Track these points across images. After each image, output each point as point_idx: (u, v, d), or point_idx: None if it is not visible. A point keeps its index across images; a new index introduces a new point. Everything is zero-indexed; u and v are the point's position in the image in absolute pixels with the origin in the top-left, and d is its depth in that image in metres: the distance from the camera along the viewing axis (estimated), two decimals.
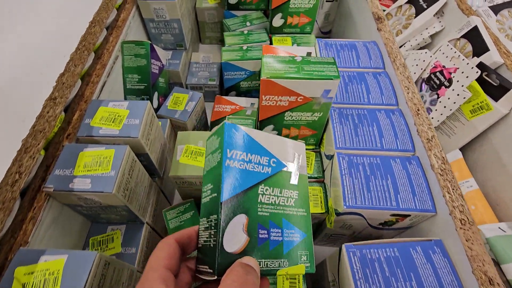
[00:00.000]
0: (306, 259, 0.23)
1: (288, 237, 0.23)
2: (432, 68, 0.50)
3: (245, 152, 0.23)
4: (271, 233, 0.22)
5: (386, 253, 0.29)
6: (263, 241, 0.22)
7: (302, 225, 0.24)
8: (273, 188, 0.24)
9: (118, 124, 0.33)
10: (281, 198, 0.24)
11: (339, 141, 0.37)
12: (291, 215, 0.24)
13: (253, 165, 0.23)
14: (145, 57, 0.46)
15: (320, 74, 0.33)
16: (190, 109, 0.50)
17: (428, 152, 0.34)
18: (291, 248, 0.23)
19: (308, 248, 0.24)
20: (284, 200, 0.24)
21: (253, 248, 0.21)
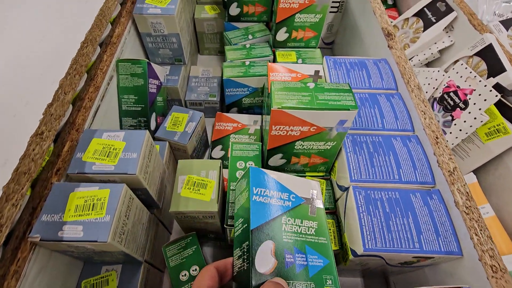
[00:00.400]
0: (331, 283, 0.25)
1: (312, 262, 0.26)
2: (445, 88, 0.47)
3: (267, 189, 0.28)
4: (296, 257, 0.25)
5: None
6: (290, 264, 0.24)
7: (324, 252, 0.27)
8: (295, 219, 0.28)
9: (113, 159, 0.30)
10: (302, 227, 0.28)
11: (354, 173, 0.34)
12: (313, 242, 0.27)
13: (275, 200, 0.28)
14: (142, 77, 0.43)
15: (336, 103, 0.30)
16: (191, 130, 0.47)
17: (451, 187, 0.32)
18: (316, 272, 0.25)
19: (332, 273, 0.26)
20: (305, 229, 0.28)
21: (281, 270, 0.24)
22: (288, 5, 0.50)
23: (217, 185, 0.36)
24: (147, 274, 0.36)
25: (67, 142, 0.32)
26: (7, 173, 0.24)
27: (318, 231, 0.28)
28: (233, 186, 0.36)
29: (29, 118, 0.27)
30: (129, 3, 0.50)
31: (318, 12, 0.51)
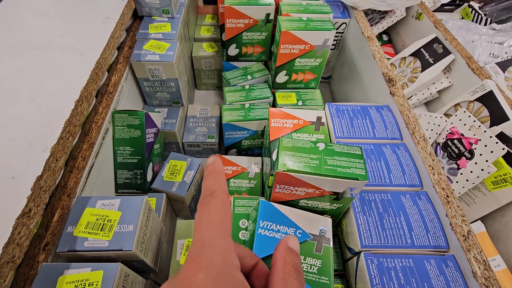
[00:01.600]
0: None
1: None
2: (448, 134, 0.47)
3: (274, 223, 0.30)
4: None
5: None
6: None
7: None
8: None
9: (107, 233, 0.27)
10: (304, 264, 0.29)
11: (364, 237, 0.32)
12: (313, 281, 0.28)
13: (280, 234, 0.30)
14: (139, 128, 0.41)
15: (345, 171, 0.29)
16: (189, 180, 0.45)
17: (467, 255, 0.30)
18: None
19: None
20: (308, 267, 0.29)
21: None
22: (289, 50, 0.49)
23: None
24: None
25: (57, 210, 0.30)
26: None
27: (321, 270, 0.29)
28: None
29: (15, 195, 0.25)
30: (126, 48, 0.49)
31: (318, 56, 0.51)
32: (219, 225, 0.15)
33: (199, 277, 0.13)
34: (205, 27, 0.72)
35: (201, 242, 0.14)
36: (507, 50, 0.61)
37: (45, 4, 0.46)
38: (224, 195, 0.16)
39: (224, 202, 0.16)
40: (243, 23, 0.54)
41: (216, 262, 0.14)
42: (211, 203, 0.16)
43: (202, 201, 0.16)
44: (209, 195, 0.16)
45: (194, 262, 0.14)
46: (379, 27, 0.71)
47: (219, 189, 0.16)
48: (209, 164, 0.18)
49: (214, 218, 0.15)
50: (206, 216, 0.15)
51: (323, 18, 0.49)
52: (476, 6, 0.68)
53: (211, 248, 0.14)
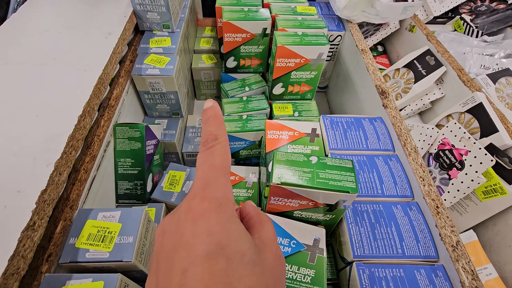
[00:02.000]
0: None
1: None
2: (440, 145, 0.48)
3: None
4: None
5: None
6: None
7: None
8: (292, 265, 0.30)
9: (108, 244, 0.29)
10: (298, 274, 0.30)
11: (356, 247, 0.33)
12: None
13: None
14: (139, 140, 0.42)
15: (336, 184, 0.30)
16: (188, 190, 0.46)
17: (456, 265, 0.31)
18: None
19: None
20: (301, 276, 0.30)
21: None
22: (285, 64, 0.51)
23: None
24: None
25: (60, 222, 0.31)
26: None
27: (314, 279, 0.30)
28: None
29: (20, 209, 0.26)
30: (127, 62, 0.51)
31: (314, 69, 0.53)
32: (222, 167, 0.17)
33: (203, 204, 0.15)
34: (205, 39, 0.74)
35: (204, 180, 0.16)
36: (498, 61, 0.62)
37: (50, 21, 0.48)
38: (227, 141, 0.18)
39: (226, 148, 0.18)
40: (241, 37, 0.56)
41: (218, 195, 0.16)
42: (214, 147, 0.17)
43: (205, 144, 0.18)
44: (213, 139, 0.18)
45: (197, 194, 0.16)
46: (374, 38, 0.73)
47: (221, 135, 0.18)
48: (208, 109, 0.19)
49: (217, 161, 0.17)
50: (209, 158, 0.17)
51: (318, 33, 0.51)
52: (467, 19, 0.70)
53: (214, 185, 0.16)
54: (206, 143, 0.18)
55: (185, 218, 0.15)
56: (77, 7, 0.53)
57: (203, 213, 0.15)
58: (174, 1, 0.54)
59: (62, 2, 0.54)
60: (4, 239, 0.24)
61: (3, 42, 0.44)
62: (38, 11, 0.51)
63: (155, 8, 0.52)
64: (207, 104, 0.19)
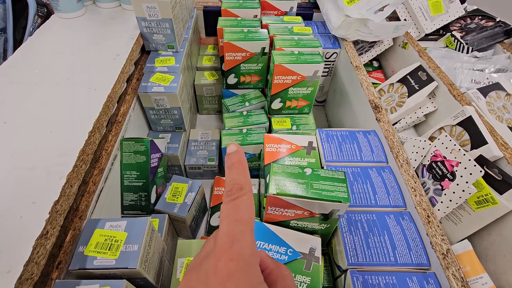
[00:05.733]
0: None
1: None
2: (432, 157, 0.50)
3: (266, 242, 0.34)
4: None
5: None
6: None
7: None
8: None
9: (115, 252, 0.30)
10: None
11: (351, 256, 0.35)
12: None
13: (272, 253, 0.33)
14: (144, 154, 0.45)
15: (329, 194, 0.32)
16: (190, 201, 0.48)
17: (446, 272, 0.32)
18: None
19: None
20: (297, 284, 0.31)
21: None
22: (282, 81, 0.54)
23: None
24: None
25: (70, 231, 0.33)
26: (10, 283, 0.24)
27: (310, 286, 0.32)
28: None
29: (34, 218, 0.28)
30: (134, 80, 0.54)
31: (310, 85, 0.56)
32: (248, 222, 0.16)
33: (230, 266, 0.15)
34: (207, 57, 0.78)
35: (230, 236, 0.16)
36: (488, 76, 0.65)
37: (64, 44, 0.52)
38: (251, 192, 0.17)
39: (251, 199, 0.17)
40: (241, 56, 0.59)
41: (245, 255, 0.15)
42: (240, 199, 0.17)
43: (230, 195, 0.17)
44: (238, 189, 0.17)
45: (224, 253, 0.15)
46: (369, 55, 0.76)
47: (247, 185, 0.17)
48: (232, 154, 0.18)
49: (243, 215, 0.16)
50: (235, 211, 0.16)
51: (313, 52, 0.54)
52: (458, 36, 0.73)
53: (242, 243, 0.16)
54: (230, 193, 0.17)
55: (214, 280, 0.15)
56: (89, 30, 0.57)
57: (231, 275, 0.14)
58: (179, 23, 0.58)
59: (74, 25, 0.58)
60: (20, 246, 0.27)
61: (21, 63, 0.47)
62: (53, 35, 0.55)
63: (161, 30, 0.56)
64: (230, 148, 0.19)
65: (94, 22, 0.60)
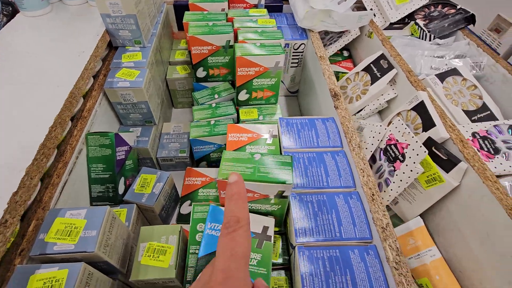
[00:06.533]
0: None
1: None
2: (387, 140, 0.53)
3: (221, 224, 0.35)
4: None
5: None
6: None
7: None
8: None
9: (74, 238, 0.33)
10: None
11: (299, 233, 0.37)
12: (252, 272, 0.33)
13: None
14: (110, 147, 0.47)
15: (274, 177, 0.35)
16: (158, 191, 0.50)
17: (383, 243, 0.35)
18: None
19: None
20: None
21: None
22: (245, 72, 0.56)
23: (176, 250, 0.38)
24: None
25: (33, 221, 0.35)
26: None
27: (260, 262, 0.34)
28: (192, 250, 0.39)
29: None
30: (101, 76, 0.55)
31: (273, 76, 0.58)
32: (243, 258, 0.17)
33: None
34: (180, 51, 0.79)
35: (225, 272, 0.16)
36: (447, 62, 0.68)
37: (28, 43, 0.53)
38: (248, 224, 0.18)
39: (248, 232, 0.18)
40: (207, 49, 0.61)
41: None
42: (236, 232, 0.17)
43: (227, 227, 0.17)
44: (235, 222, 0.17)
45: None
46: (337, 45, 0.78)
47: (244, 218, 0.18)
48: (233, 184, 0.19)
49: (238, 250, 0.17)
50: (231, 245, 0.17)
51: (275, 44, 0.56)
52: (421, 24, 0.76)
53: (235, 280, 0.16)
54: (228, 226, 0.17)
55: None
56: (55, 28, 0.58)
57: None
58: (145, 19, 0.59)
59: (40, 24, 0.59)
60: None
61: None
62: (17, 34, 0.56)
63: (126, 26, 0.57)
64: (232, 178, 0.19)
65: (60, 19, 0.60)
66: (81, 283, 0.30)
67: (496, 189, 0.41)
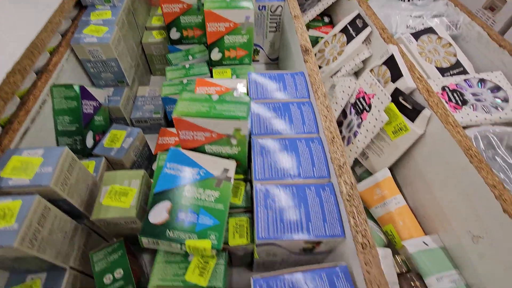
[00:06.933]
0: (214, 238, 0.32)
1: (202, 221, 0.33)
2: (357, 94, 0.53)
3: (180, 164, 0.37)
4: (188, 216, 0.33)
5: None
6: (180, 220, 0.33)
7: (218, 215, 0.34)
8: (197, 188, 0.36)
9: (29, 174, 0.33)
10: (203, 195, 0.35)
11: (258, 173, 0.38)
12: (209, 207, 0.34)
13: (185, 173, 0.37)
14: (75, 99, 0.47)
15: (228, 114, 0.35)
16: (127, 145, 0.50)
17: (339, 179, 0.36)
18: (203, 228, 0.33)
19: (218, 232, 0.33)
20: (206, 197, 0.35)
21: (172, 223, 0.33)
22: (215, 29, 0.55)
23: (138, 193, 0.39)
24: (75, 281, 0.38)
25: None
26: None
27: (218, 199, 0.35)
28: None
29: None
30: (69, 34, 0.55)
31: (245, 34, 0.57)
32: None
33: None
34: (157, 17, 0.77)
35: None
36: (423, 22, 0.67)
37: None
38: None
39: None
40: (178, 8, 0.60)
41: None
42: None
43: None
44: None
45: None
46: (316, 9, 0.77)
47: None
48: None
49: None
50: None
51: None
52: None
53: None
54: None
55: None
56: None
57: None
58: None
59: None
60: None
61: None
62: None
63: None
64: None
65: None
66: (36, 214, 0.31)
67: (457, 133, 0.42)
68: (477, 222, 0.38)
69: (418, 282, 0.41)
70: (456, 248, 0.42)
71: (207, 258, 0.36)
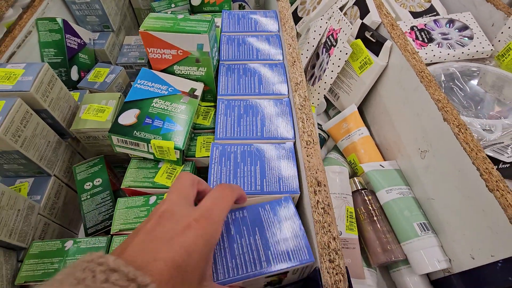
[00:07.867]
0: (178, 140, 0.36)
1: (167, 126, 0.37)
2: (327, 33, 0.55)
3: (150, 81, 0.41)
4: (154, 121, 0.37)
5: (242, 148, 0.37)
6: (147, 124, 0.37)
7: (182, 123, 0.38)
8: (165, 101, 0.39)
9: (12, 81, 0.37)
10: (170, 107, 0.39)
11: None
12: (174, 116, 0.38)
13: (154, 88, 0.41)
14: (59, 32, 0.50)
15: (190, 29, 0.38)
16: (110, 80, 0.54)
17: (294, 93, 0.39)
18: (167, 132, 0.37)
19: (183, 135, 0.37)
20: (172, 108, 0.39)
21: (139, 126, 0.37)
22: None
23: (114, 110, 0.43)
24: (59, 188, 0.43)
25: None
26: None
27: (183, 111, 0.39)
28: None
29: None
30: None
31: None
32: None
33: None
34: None
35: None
36: None
37: None
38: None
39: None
40: None
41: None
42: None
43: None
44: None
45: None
46: None
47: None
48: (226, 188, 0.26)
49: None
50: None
51: None
52: None
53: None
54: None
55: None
56: None
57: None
58: None
59: None
60: None
61: None
62: None
63: None
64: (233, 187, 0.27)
65: None
66: (18, 113, 0.35)
67: (413, 58, 0.44)
68: (424, 138, 0.41)
69: (371, 196, 0.44)
70: (408, 168, 0.46)
71: (175, 165, 0.40)
